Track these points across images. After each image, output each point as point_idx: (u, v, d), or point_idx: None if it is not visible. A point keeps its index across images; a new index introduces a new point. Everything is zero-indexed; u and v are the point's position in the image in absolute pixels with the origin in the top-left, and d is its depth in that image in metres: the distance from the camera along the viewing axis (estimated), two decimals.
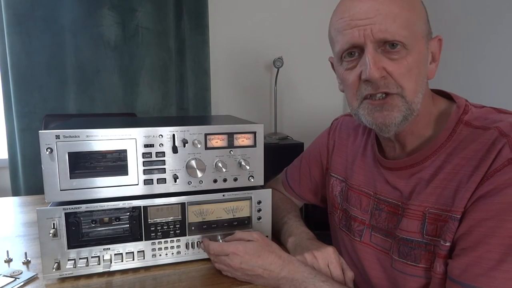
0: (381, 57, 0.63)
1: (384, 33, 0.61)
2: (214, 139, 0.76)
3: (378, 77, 0.62)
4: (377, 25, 0.61)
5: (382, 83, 0.63)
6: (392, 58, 0.62)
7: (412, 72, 0.63)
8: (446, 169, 0.64)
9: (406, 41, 0.61)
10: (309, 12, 2.38)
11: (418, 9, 0.65)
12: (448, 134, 0.66)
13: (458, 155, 0.63)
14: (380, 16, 0.61)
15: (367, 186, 0.79)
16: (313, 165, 0.97)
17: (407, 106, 0.64)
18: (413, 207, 0.67)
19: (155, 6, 1.97)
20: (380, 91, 0.64)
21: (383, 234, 0.74)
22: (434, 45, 0.67)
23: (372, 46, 0.62)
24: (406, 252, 0.68)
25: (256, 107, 2.40)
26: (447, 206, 0.62)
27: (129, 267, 0.73)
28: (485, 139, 0.61)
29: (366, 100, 0.66)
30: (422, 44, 0.64)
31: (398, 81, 0.63)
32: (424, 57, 0.65)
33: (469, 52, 1.91)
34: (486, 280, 0.55)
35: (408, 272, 0.68)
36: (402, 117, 0.65)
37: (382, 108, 0.65)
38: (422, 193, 0.66)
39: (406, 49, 0.62)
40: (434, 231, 0.64)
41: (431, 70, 0.68)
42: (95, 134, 0.70)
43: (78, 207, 0.70)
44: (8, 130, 1.87)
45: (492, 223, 0.56)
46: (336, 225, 0.88)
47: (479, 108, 0.68)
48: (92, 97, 1.93)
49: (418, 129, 0.69)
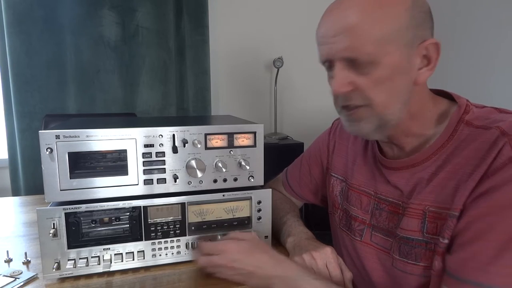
0: (348, 73, 0.64)
1: (346, 51, 0.62)
2: (214, 139, 0.76)
3: (343, 92, 0.65)
4: (340, 43, 0.62)
5: (349, 97, 0.66)
6: (361, 72, 0.63)
7: (383, 85, 0.63)
8: (447, 168, 0.64)
9: (371, 57, 0.61)
10: (309, 12, 2.37)
11: (395, 19, 0.61)
12: (449, 134, 0.66)
13: (459, 154, 0.63)
14: (342, 34, 0.62)
15: (367, 186, 0.79)
16: (313, 164, 0.97)
17: (377, 117, 0.65)
18: (413, 205, 0.67)
19: (155, 6, 1.97)
20: (349, 104, 0.66)
21: (384, 234, 0.74)
22: (428, 49, 0.64)
23: (339, 63, 0.64)
24: (406, 251, 0.68)
25: (256, 107, 2.40)
26: (447, 204, 0.62)
27: (129, 267, 0.73)
28: (486, 138, 0.61)
29: (342, 109, 0.69)
30: (397, 54, 0.62)
31: (366, 94, 0.64)
32: (401, 67, 0.63)
33: (471, 52, 1.91)
34: (482, 274, 0.54)
35: (408, 271, 0.68)
36: (374, 127, 0.66)
37: (352, 119, 0.68)
38: (422, 192, 0.67)
39: (374, 62, 0.62)
40: (435, 229, 0.64)
41: (421, 75, 0.65)
42: (95, 134, 0.70)
43: (78, 207, 0.70)
44: (8, 130, 1.87)
45: (491, 219, 0.55)
46: (337, 225, 0.88)
47: (480, 108, 0.68)
48: (92, 97, 1.93)
49: (414, 130, 0.69)
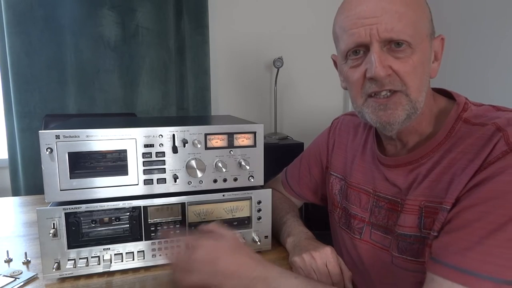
0: (386, 56, 0.63)
1: (390, 32, 0.61)
2: (214, 139, 0.76)
3: (383, 75, 0.63)
4: (383, 24, 0.61)
5: (387, 81, 0.64)
6: (397, 56, 0.63)
7: (417, 70, 0.64)
8: (443, 163, 0.65)
9: (411, 40, 0.62)
10: (309, 12, 2.38)
11: (423, 8, 0.65)
12: (447, 132, 0.66)
13: (455, 150, 0.64)
14: (386, 15, 0.61)
15: (366, 184, 0.80)
16: (313, 164, 0.97)
17: (411, 104, 0.65)
18: (410, 202, 0.67)
19: (155, 6, 1.97)
20: (385, 89, 0.64)
21: (383, 231, 0.74)
22: (437, 44, 0.68)
23: (378, 45, 0.63)
24: (405, 247, 0.68)
25: (256, 107, 2.40)
26: (440, 198, 0.62)
27: (129, 267, 0.73)
28: (482, 134, 0.61)
29: (370, 98, 0.67)
30: (426, 43, 0.64)
31: (403, 79, 0.63)
32: (428, 56, 0.66)
33: (471, 50, 1.91)
34: (459, 258, 0.54)
35: (408, 268, 0.68)
36: (405, 115, 0.65)
37: (386, 107, 0.65)
38: (418, 187, 0.67)
39: (411, 48, 0.62)
40: (431, 224, 0.64)
41: (434, 69, 0.68)
42: (95, 134, 0.70)
43: (78, 207, 0.70)
44: (8, 130, 1.87)
45: (480, 208, 0.55)
46: (336, 223, 0.88)
47: (478, 106, 0.68)
48: (92, 97, 1.93)
49: (420, 127, 0.70)
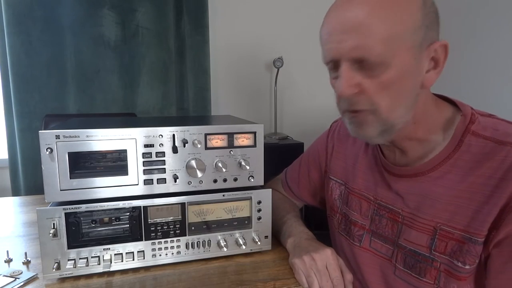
0: (354, 74, 0.60)
1: (355, 51, 0.58)
2: (214, 139, 0.76)
3: (349, 95, 0.61)
4: (350, 42, 0.58)
5: (355, 100, 0.62)
6: (368, 74, 0.60)
7: (391, 88, 0.60)
8: (462, 186, 0.63)
9: (380, 58, 0.58)
10: (309, 12, 2.37)
11: (405, 19, 0.58)
12: (455, 145, 0.65)
13: (474, 172, 0.62)
14: (353, 32, 0.58)
15: (367, 190, 0.79)
16: (312, 167, 0.97)
17: (381, 122, 0.63)
18: (423, 220, 0.66)
19: (155, 6, 1.96)
20: (352, 109, 0.64)
21: (383, 240, 0.74)
22: (437, 51, 0.62)
23: (347, 64, 0.60)
24: (411, 263, 0.68)
25: (256, 107, 2.40)
26: (463, 226, 0.62)
27: (129, 267, 0.73)
28: (502, 156, 0.60)
29: (345, 113, 0.67)
30: (407, 56, 0.59)
31: (372, 98, 0.61)
32: (410, 69, 0.60)
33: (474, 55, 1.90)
34: None
35: (410, 282, 0.68)
36: (378, 131, 0.64)
37: (356, 123, 0.65)
38: (433, 207, 0.65)
39: (385, 64, 0.58)
40: (444, 248, 0.63)
41: (429, 78, 0.63)
42: (95, 134, 0.70)
43: (78, 207, 0.70)
44: (8, 130, 1.87)
45: None
46: (335, 228, 0.87)
47: (486, 117, 0.67)
48: (92, 97, 1.93)
49: (417, 134, 0.67)
